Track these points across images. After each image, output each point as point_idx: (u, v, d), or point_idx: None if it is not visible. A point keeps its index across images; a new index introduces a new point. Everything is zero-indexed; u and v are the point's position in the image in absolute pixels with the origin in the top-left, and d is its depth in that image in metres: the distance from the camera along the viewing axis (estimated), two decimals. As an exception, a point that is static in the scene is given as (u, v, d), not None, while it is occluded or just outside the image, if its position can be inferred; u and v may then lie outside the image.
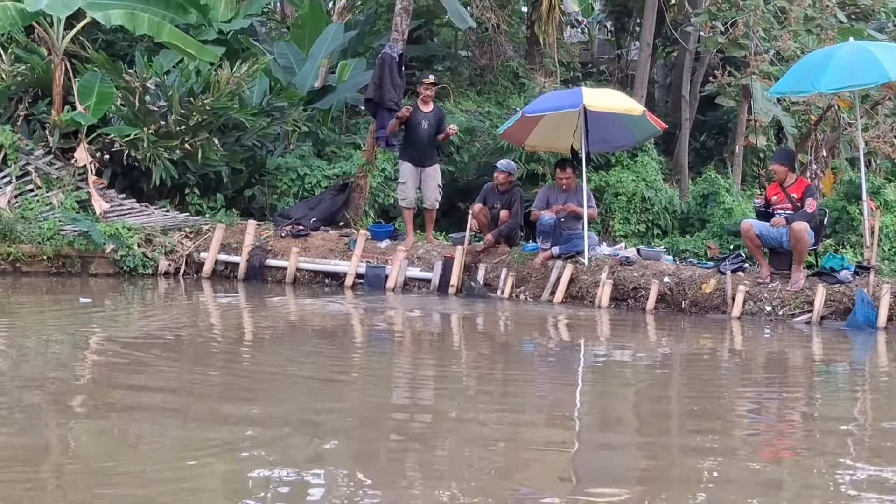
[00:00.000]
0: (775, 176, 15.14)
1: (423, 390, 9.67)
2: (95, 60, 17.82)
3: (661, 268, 15.51)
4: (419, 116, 16.70)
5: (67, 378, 9.07)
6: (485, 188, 16.95)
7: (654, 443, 7.73)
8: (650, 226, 19.52)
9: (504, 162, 16.87)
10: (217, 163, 17.98)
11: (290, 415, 7.88)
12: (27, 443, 6.85)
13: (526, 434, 7.80)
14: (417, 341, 12.65)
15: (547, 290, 15.62)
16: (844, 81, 15.11)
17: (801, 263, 14.66)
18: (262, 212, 18.50)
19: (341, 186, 18.33)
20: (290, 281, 16.51)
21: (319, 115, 20.73)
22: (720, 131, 24.48)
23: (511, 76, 24.08)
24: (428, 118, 16.71)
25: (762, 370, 11.52)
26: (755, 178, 23.33)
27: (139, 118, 17.31)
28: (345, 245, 16.84)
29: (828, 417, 8.98)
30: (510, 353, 11.90)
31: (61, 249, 15.97)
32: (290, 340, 11.98)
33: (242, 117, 18.14)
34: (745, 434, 8.16)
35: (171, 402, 8.21)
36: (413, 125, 16.75)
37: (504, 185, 16.67)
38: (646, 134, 17.75)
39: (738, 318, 14.37)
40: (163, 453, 6.69)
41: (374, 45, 22.56)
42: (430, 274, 16.33)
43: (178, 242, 16.84)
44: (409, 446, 7.32)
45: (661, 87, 28.40)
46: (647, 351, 12.52)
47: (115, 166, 17.73)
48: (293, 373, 9.83)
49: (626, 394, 9.80)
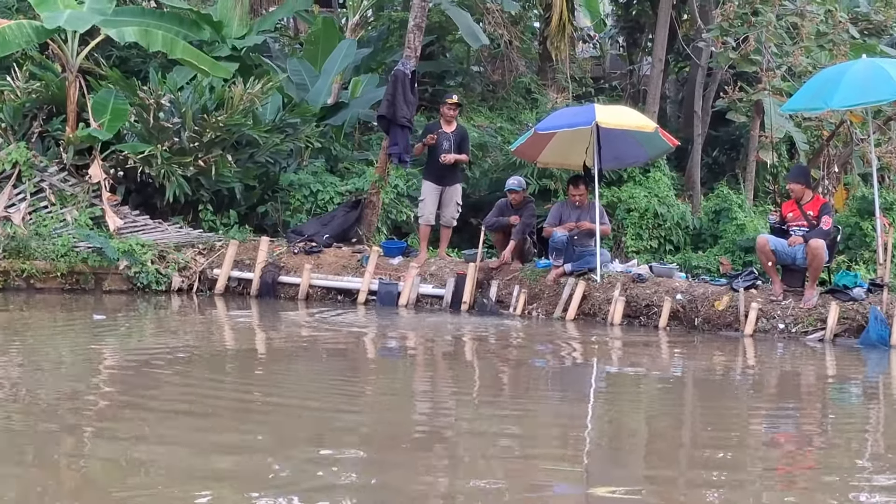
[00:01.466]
0: (792, 194, 15.10)
1: (436, 409, 9.66)
2: (109, 77, 17.94)
3: (674, 285, 15.50)
4: (441, 136, 16.71)
5: (80, 396, 9.07)
6: (498, 204, 16.93)
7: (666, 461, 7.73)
8: (662, 242, 19.52)
9: (514, 182, 16.83)
10: (230, 179, 18.03)
11: (301, 438, 7.88)
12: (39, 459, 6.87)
13: (540, 451, 7.79)
14: (430, 359, 12.64)
15: (559, 307, 15.62)
16: (857, 99, 15.09)
17: (815, 281, 14.63)
18: (275, 228, 18.54)
19: (354, 203, 18.36)
20: (302, 297, 16.55)
21: (332, 132, 20.76)
22: (732, 147, 24.45)
23: (523, 92, 24.11)
24: (450, 138, 16.72)
25: (775, 389, 11.50)
26: (767, 193, 23.31)
27: (153, 135, 17.36)
28: (357, 262, 16.87)
29: (842, 436, 8.96)
30: (522, 371, 11.88)
31: (75, 266, 16.03)
32: (303, 359, 11.97)
33: (256, 134, 18.19)
34: (759, 454, 8.14)
35: (183, 423, 8.21)
36: (435, 145, 16.78)
37: (519, 203, 16.69)
38: (658, 151, 17.74)
39: (751, 335, 14.34)
40: (172, 477, 6.69)
41: (386, 61, 22.62)
42: (442, 291, 16.34)
43: (191, 259, 16.88)
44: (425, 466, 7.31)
45: (673, 102, 28.40)
46: (660, 369, 12.50)
47: (128, 183, 17.80)
48: (305, 393, 9.83)
49: (638, 412, 9.80)
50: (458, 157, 16.70)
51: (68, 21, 16.73)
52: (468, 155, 17.33)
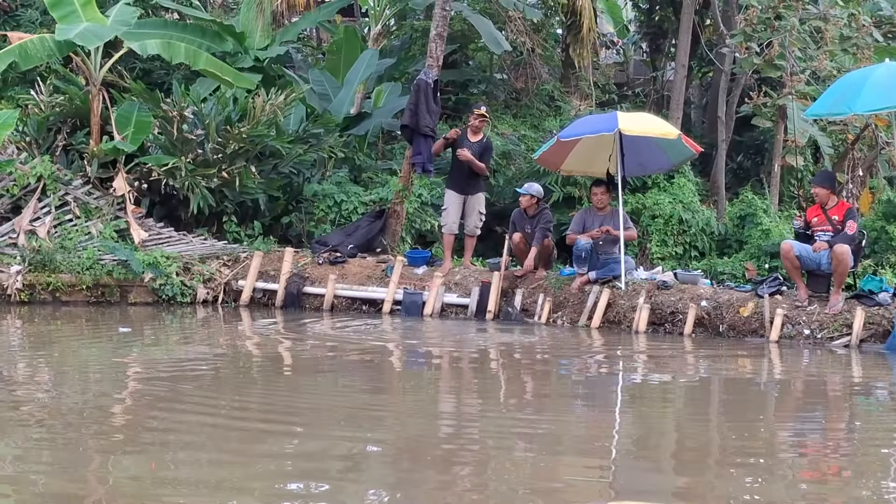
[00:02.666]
0: (817, 199, 15.05)
1: (463, 417, 9.65)
2: (133, 90, 18.00)
3: (699, 292, 15.45)
4: (465, 145, 16.71)
5: (107, 409, 9.10)
6: (513, 215, 16.90)
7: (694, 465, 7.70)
8: (687, 248, 19.45)
9: (525, 186, 16.82)
10: (254, 190, 18.04)
11: (329, 448, 7.88)
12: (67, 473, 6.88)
13: (565, 460, 7.78)
14: (456, 368, 12.64)
15: (584, 315, 15.59)
16: (881, 103, 15.00)
17: (840, 286, 14.57)
18: (300, 239, 18.55)
19: (378, 213, 18.36)
20: (327, 308, 16.56)
21: (356, 142, 20.77)
22: (757, 152, 24.36)
23: (546, 99, 24.06)
24: (473, 148, 16.70)
25: (802, 395, 11.46)
26: (793, 198, 23.20)
27: (177, 147, 17.40)
28: (382, 272, 16.87)
29: (869, 441, 8.92)
30: (549, 380, 11.87)
31: (100, 279, 16.09)
32: (329, 369, 11.98)
33: (279, 145, 18.21)
34: (789, 458, 8.11)
35: (210, 435, 8.22)
36: (456, 144, 16.81)
37: (532, 209, 16.64)
38: (682, 157, 17.69)
39: (777, 342, 14.29)
40: (200, 489, 6.70)
41: (409, 70, 22.61)
42: (467, 300, 16.34)
43: (216, 270, 16.92)
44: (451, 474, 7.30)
45: (697, 107, 28.31)
46: (686, 376, 12.46)
47: (153, 195, 17.84)
48: (333, 404, 9.83)
49: (666, 420, 9.77)
50: (473, 160, 16.63)
51: (81, 35, 16.68)
52: (488, 167, 17.27)
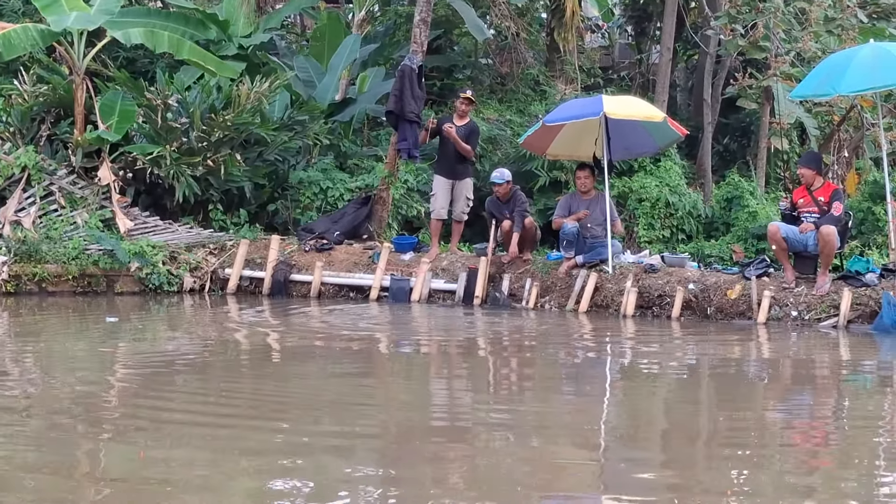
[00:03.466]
0: (803, 180, 15.07)
1: (453, 403, 9.64)
2: (117, 79, 17.96)
3: (686, 275, 15.47)
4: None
5: (95, 398, 9.07)
6: (489, 205, 16.89)
7: (684, 451, 7.69)
8: (675, 231, 19.46)
9: (496, 174, 16.78)
10: (240, 178, 18.00)
11: (319, 434, 7.87)
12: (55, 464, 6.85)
13: (555, 445, 7.77)
14: (444, 355, 12.62)
15: (572, 299, 15.59)
16: (866, 83, 15.03)
17: (827, 267, 14.59)
18: (286, 226, 18.52)
19: (364, 199, 18.32)
20: (314, 295, 16.54)
21: (341, 128, 20.73)
22: (743, 134, 24.37)
23: (532, 84, 24.04)
24: (460, 131, 16.68)
25: (790, 376, 11.47)
26: (779, 180, 23.22)
27: (161, 135, 17.34)
28: (369, 258, 16.85)
29: (858, 423, 8.93)
30: (537, 364, 11.85)
31: (86, 269, 16.04)
32: (317, 357, 11.95)
33: (264, 132, 18.17)
34: (777, 442, 8.11)
35: (199, 423, 8.19)
36: (444, 138, 16.81)
37: (506, 195, 16.63)
38: (668, 140, 17.68)
39: (765, 323, 14.33)
40: (189, 476, 6.68)
41: (393, 56, 22.55)
42: (454, 285, 16.33)
43: (202, 259, 16.88)
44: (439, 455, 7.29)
45: (682, 90, 28.31)
46: (675, 360, 12.45)
47: (138, 184, 17.78)
48: (321, 390, 9.81)
49: (655, 403, 9.77)
50: (458, 139, 16.61)
51: (76, 21, 16.70)
52: (474, 150, 17.24)
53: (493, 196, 16.82)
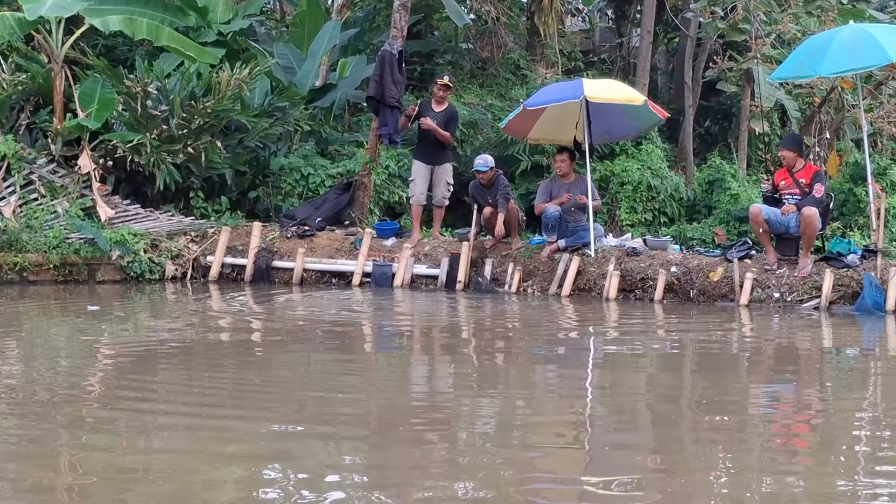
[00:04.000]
0: (784, 162, 15.10)
1: (436, 386, 9.63)
2: (96, 66, 17.87)
3: (668, 257, 15.49)
4: (429, 115, 16.72)
5: (77, 387, 9.02)
6: (472, 189, 16.90)
7: (668, 433, 7.69)
8: (657, 214, 19.49)
9: (480, 161, 16.76)
10: (220, 165, 17.97)
11: (304, 418, 7.85)
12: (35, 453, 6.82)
13: (539, 428, 7.76)
14: (427, 339, 12.60)
15: (554, 283, 15.61)
16: (846, 65, 15.07)
17: (809, 249, 14.63)
18: (267, 213, 18.49)
19: (345, 185, 18.31)
20: (297, 282, 16.52)
21: (321, 114, 20.70)
22: (724, 117, 24.41)
23: (512, 68, 24.03)
24: (438, 117, 16.68)
25: (773, 358, 11.48)
26: (760, 162, 23.26)
27: (141, 123, 17.28)
28: (351, 244, 16.84)
29: (841, 403, 8.94)
30: (520, 349, 11.83)
31: (67, 257, 15.97)
32: (300, 344, 11.92)
33: (244, 119, 18.14)
34: (760, 422, 8.11)
35: (182, 412, 8.16)
36: (417, 116, 16.80)
37: (490, 181, 16.63)
38: (648, 123, 17.72)
39: (747, 305, 14.37)
40: (173, 464, 6.66)
41: (373, 41, 22.51)
42: (437, 271, 16.34)
43: (184, 247, 16.85)
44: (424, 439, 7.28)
45: (663, 73, 28.34)
46: (658, 342, 12.45)
47: (118, 172, 17.71)
48: (305, 377, 9.79)
49: (638, 386, 9.77)
50: (436, 128, 16.59)
51: (51, 8, 16.62)
52: (453, 136, 17.23)
53: (475, 181, 16.80)
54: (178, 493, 5.98)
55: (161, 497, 5.91)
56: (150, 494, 5.99)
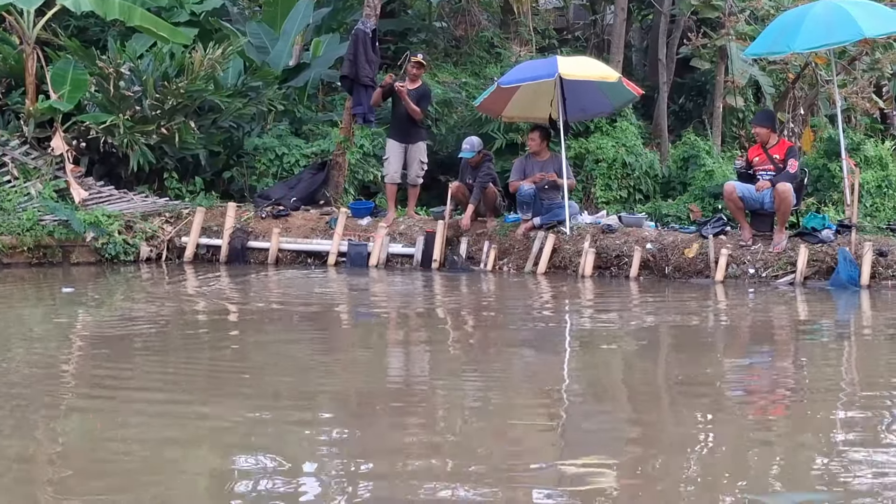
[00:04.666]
0: (758, 138, 15.14)
1: (413, 366, 9.63)
2: (68, 47, 17.76)
3: (644, 234, 15.52)
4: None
5: (52, 369, 8.98)
6: (461, 165, 16.95)
7: (645, 408, 7.71)
8: (632, 191, 19.50)
9: (466, 147, 16.77)
10: (194, 146, 17.90)
11: (280, 397, 7.83)
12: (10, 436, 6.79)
13: (516, 405, 7.76)
14: (403, 318, 12.59)
15: (530, 261, 15.63)
16: (820, 40, 15.10)
17: (783, 224, 14.69)
18: (242, 193, 18.44)
19: (320, 165, 18.27)
20: (272, 262, 16.52)
21: (295, 94, 20.65)
22: (699, 93, 24.42)
23: (487, 46, 24.00)
24: (410, 96, 16.64)
25: (748, 333, 11.52)
26: (735, 139, 23.32)
27: (114, 104, 17.20)
28: (326, 224, 16.82)
29: (816, 376, 8.97)
30: (497, 327, 11.83)
31: (41, 240, 15.89)
32: (277, 322, 11.91)
33: (218, 99, 18.07)
34: (735, 396, 8.13)
35: (159, 392, 8.13)
36: (396, 102, 16.82)
37: (478, 164, 16.65)
38: (623, 100, 17.74)
39: (722, 281, 14.41)
40: (150, 446, 6.63)
41: (347, 20, 22.42)
42: (412, 249, 16.33)
43: (158, 228, 16.81)
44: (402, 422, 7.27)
45: (637, 51, 28.30)
46: (634, 319, 12.46)
47: (92, 154, 17.64)
48: (281, 358, 9.76)
49: (614, 362, 9.78)
50: (405, 95, 16.57)
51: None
52: (425, 113, 17.22)
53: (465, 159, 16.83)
54: (154, 480, 5.95)
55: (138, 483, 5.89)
56: (126, 480, 5.97)
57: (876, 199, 18.16)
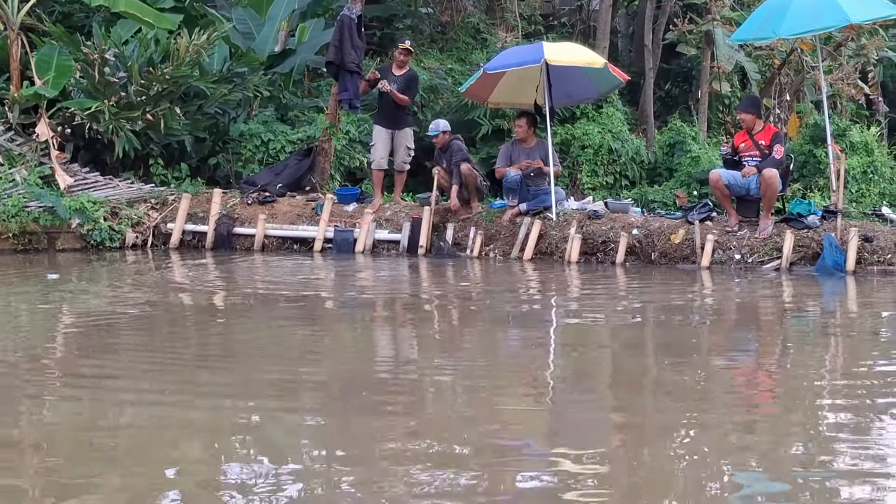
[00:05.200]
0: (743, 125, 15.16)
1: (399, 354, 9.62)
2: (52, 33, 17.70)
3: (630, 220, 15.53)
4: (389, 80, 16.70)
5: (37, 356, 8.96)
6: (436, 152, 16.98)
7: (632, 393, 7.71)
8: (618, 177, 19.51)
9: (432, 127, 16.90)
10: (180, 132, 17.87)
11: (266, 384, 7.82)
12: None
13: (503, 391, 7.76)
14: (389, 304, 12.58)
15: (516, 247, 15.62)
16: (805, 26, 15.13)
17: (769, 210, 14.72)
18: (228, 180, 18.42)
19: (306, 151, 18.26)
20: (258, 248, 16.52)
21: (281, 80, 20.60)
22: (685, 79, 24.43)
23: (472, 32, 24.00)
24: (397, 81, 16.66)
25: (735, 319, 11.53)
26: (721, 124, 23.33)
27: (99, 90, 17.15)
28: (312, 210, 16.81)
29: (801, 362, 8.98)
30: (483, 313, 11.83)
31: (27, 226, 15.86)
32: (262, 309, 11.90)
33: (203, 85, 18.05)
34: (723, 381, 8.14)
35: (145, 379, 8.11)
36: (377, 80, 16.76)
37: (444, 145, 16.64)
38: (609, 86, 17.74)
39: (708, 267, 14.44)
40: (137, 432, 6.62)
41: (332, 6, 22.36)
42: (398, 236, 16.33)
43: (144, 214, 16.78)
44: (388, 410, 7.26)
45: (623, 36, 28.31)
46: (620, 305, 12.46)
47: (77, 140, 17.61)
48: (267, 342, 9.75)
49: (601, 348, 9.79)
50: (393, 91, 16.58)
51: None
52: (412, 99, 17.21)
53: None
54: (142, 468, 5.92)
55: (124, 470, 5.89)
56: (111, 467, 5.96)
57: (861, 184, 18.17)
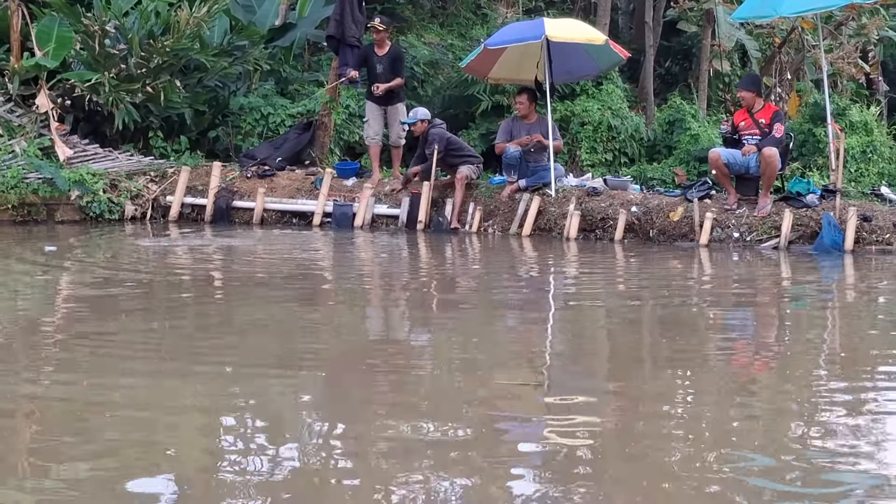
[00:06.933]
0: (743, 103, 15.15)
1: (397, 328, 9.64)
2: (53, 4, 17.66)
3: (629, 197, 15.53)
4: (374, 60, 16.84)
5: (35, 328, 8.97)
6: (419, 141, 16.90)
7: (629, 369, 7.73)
8: (617, 154, 19.51)
9: (410, 114, 16.80)
10: (180, 105, 17.87)
11: (265, 358, 7.83)
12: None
13: (500, 367, 7.78)
14: (387, 279, 12.60)
15: (515, 223, 15.64)
16: (806, 5, 15.12)
17: (768, 189, 14.72)
18: (227, 153, 18.43)
19: (306, 125, 18.26)
20: (257, 222, 16.54)
21: (281, 53, 20.58)
22: (685, 57, 24.42)
23: (473, 7, 23.98)
24: (382, 61, 16.73)
25: (732, 296, 11.54)
26: (721, 102, 23.32)
27: (99, 62, 17.13)
28: (311, 184, 16.81)
29: (798, 336, 9.03)
30: (480, 288, 11.84)
31: (26, 197, 15.88)
32: (261, 284, 11.89)
33: (203, 58, 18.03)
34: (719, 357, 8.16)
35: (143, 351, 8.13)
36: (370, 68, 16.99)
37: (422, 134, 16.58)
38: (609, 63, 17.72)
39: (707, 245, 14.44)
40: (135, 405, 6.64)
41: (333, -20, 22.34)
42: (397, 210, 16.35)
43: (143, 187, 16.78)
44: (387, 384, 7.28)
45: (624, 13, 28.28)
46: (618, 282, 12.49)
47: (77, 112, 17.60)
48: (266, 315, 9.77)
49: (598, 324, 9.80)
50: (389, 86, 16.66)
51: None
52: (402, 76, 17.14)
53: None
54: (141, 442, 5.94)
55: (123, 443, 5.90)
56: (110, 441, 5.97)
57: (860, 164, 18.18)
